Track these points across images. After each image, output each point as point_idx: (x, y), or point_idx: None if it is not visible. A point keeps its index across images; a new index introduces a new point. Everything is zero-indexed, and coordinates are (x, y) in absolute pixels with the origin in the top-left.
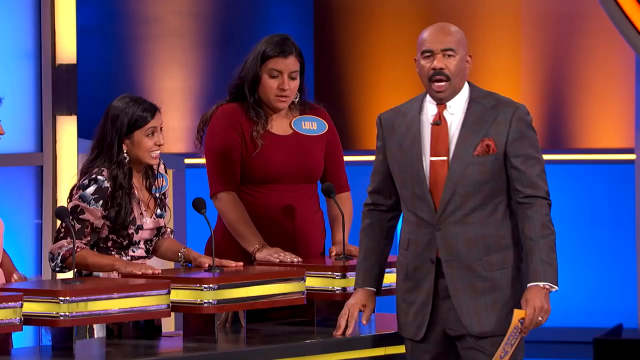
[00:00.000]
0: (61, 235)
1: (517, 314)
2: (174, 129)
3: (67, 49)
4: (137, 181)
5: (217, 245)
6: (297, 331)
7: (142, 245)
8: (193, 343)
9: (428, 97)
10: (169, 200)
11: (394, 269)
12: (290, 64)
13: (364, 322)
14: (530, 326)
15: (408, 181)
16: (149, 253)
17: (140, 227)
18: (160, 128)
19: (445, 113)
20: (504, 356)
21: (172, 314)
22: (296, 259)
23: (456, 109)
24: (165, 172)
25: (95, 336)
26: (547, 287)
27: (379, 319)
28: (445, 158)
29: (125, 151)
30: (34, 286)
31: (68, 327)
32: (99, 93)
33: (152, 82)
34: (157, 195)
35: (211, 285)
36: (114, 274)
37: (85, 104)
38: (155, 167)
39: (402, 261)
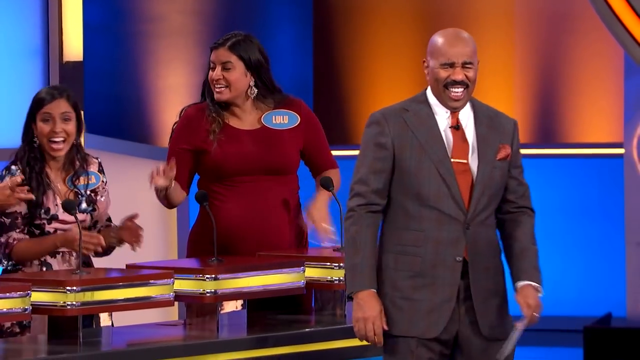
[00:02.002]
0: None
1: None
2: None
3: (74, 46)
4: (53, 172)
5: (198, 237)
6: (297, 320)
7: None
8: (195, 331)
9: (433, 101)
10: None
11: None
12: (220, 54)
13: (385, 327)
14: (530, 324)
15: (432, 178)
16: None
17: (54, 217)
18: (64, 117)
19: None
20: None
21: (175, 303)
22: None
23: (465, 113)
24: (101, 172)
25: (101, 325)
26: (538, 288)
27: None
28: (465, 161)
29: (35, 136)
30: (42, 276)
31: (74, 315)
32: (104, 90)
33: (156, 79)
34: (82, 191)
35: (213, 276)
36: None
37: (91, 101)
38: (82, 163)
39: (410, 259)
